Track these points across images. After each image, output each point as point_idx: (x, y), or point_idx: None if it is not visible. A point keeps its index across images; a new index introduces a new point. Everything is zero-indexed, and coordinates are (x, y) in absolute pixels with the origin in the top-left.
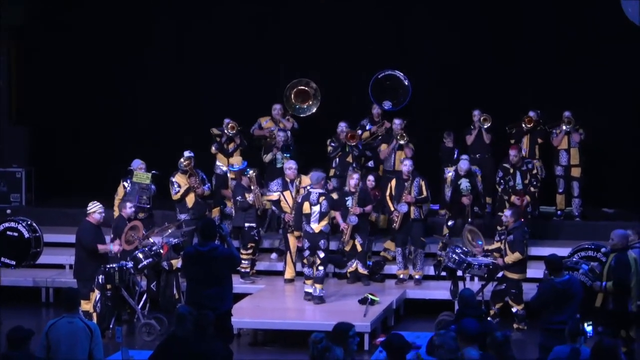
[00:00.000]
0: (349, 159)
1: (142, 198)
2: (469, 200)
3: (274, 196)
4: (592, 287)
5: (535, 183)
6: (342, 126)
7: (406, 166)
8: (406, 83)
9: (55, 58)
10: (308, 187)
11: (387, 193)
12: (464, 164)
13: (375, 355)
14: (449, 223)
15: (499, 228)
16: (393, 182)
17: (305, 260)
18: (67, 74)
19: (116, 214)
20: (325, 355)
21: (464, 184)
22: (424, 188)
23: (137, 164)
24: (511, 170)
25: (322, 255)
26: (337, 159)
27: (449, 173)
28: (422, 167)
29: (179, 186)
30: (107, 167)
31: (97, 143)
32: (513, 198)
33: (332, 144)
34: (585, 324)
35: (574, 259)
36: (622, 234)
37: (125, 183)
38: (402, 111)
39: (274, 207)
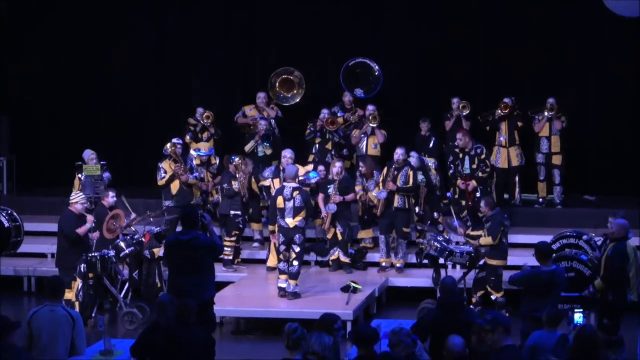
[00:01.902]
0: (329, 145)
1: (97, 188)
2: (422, 193)
3: (267, 182)
4: (585, 297)
5: (484, 168)
6: (324, 113)
7: (397, 154)
8: (376, 70)
9: (36, 46)
10: (282, 181)
11: (381, 179)
12: (412, 161)
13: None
14: (416, 210)
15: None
16: (385, 169)
17: (281, 256)
18: (48, 62)
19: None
20: (301, 344)
21: (419, 177)
22: (411, 178)
23: (88, 155)
24: (460, 155)
25: (297, 249)
26: (317, 146)
27: None
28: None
29: (165, 172)
30: None
31: (78, 132)
32: (459, 182)
33: (311, 129)
34: (575, 312)
35: (574, 251)
36: (621, 223)
37: (79, 175)
38: (378, 98)
39: (264, 193)
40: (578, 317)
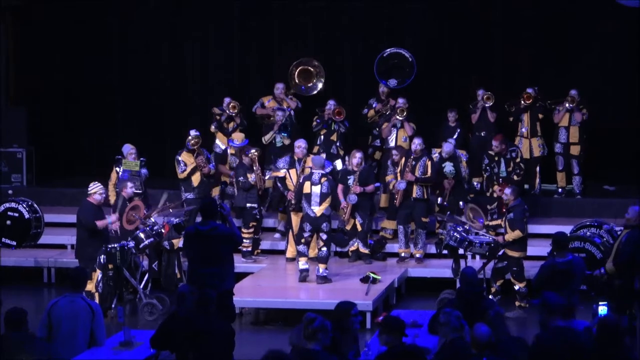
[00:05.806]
0: (334, 137)
1: (134, 184)
2: (449, 184)
3: (281, 173)
4: (593, 276)
5: (518, 171)
6: (330, 104)
7: (414, 144)
8: (411, 60)
9: (54, 37)
10: (311, 169)
11: (398, 170)
12: (447, 147)
13: (378, 333)
14: (439, 201)
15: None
16: (403, 159)
17: (303, 240)
18: (66, 53)
19: (112, 198)
20: (317, 336)
21: (448, 167)
22: (429, 168)
23: (127, 150)
24: (496, 158)
25: (324, 237)
26: (322, 137)
27: (434, 154)
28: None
29: (185, 165)
30: (108, 147)
31: (97, 123)
32: (495, 187)
33: (317, 120)
34: (600, 305)
35: (589, 232)
36: (638, 210)
37: (117, 169)
38: (408, 88)
39: (279, 184)
40: (602, 309)
